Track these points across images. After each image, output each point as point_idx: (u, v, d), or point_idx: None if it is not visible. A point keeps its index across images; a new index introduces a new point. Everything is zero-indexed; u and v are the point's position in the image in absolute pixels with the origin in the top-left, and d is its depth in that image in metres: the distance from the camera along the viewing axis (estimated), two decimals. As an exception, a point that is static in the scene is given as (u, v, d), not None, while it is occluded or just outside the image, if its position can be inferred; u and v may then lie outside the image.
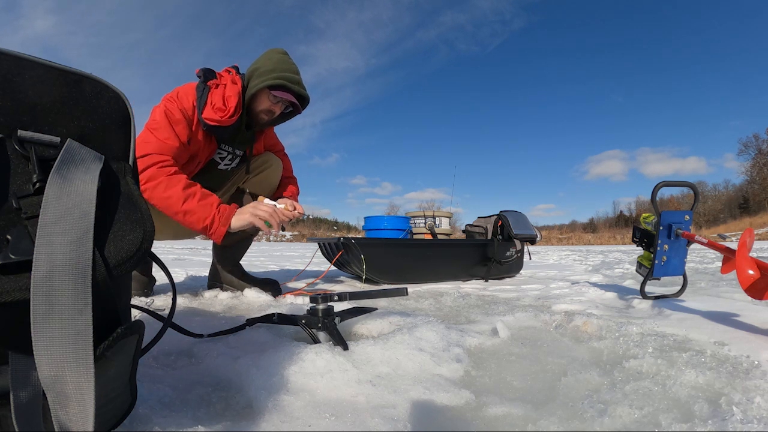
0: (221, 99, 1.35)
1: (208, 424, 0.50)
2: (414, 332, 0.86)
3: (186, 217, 1.24)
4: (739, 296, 1.52)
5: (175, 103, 1.32)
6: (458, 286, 2.15)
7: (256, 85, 1.38)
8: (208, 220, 1.26)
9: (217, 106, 1.33)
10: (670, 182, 1.45)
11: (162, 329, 0.56)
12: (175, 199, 1.22)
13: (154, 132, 1.27)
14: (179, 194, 1.23)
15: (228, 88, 1.37)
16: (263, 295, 1.53)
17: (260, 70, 1.39)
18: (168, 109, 1.30)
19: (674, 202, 40.68)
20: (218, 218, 1.27)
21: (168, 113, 1.30)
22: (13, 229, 0.36)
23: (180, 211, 1.23)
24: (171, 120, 1.30)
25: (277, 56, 1.44)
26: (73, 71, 0.45)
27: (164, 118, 1.29)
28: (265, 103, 1.43)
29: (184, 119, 1.32)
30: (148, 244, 0.43)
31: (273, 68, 1.39)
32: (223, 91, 1.36)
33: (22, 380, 0.35)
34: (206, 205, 1.27)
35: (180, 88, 1.37)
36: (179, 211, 1.23)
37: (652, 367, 0.73)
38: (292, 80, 1.41)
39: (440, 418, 0.55)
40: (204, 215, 1.26)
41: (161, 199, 1.22)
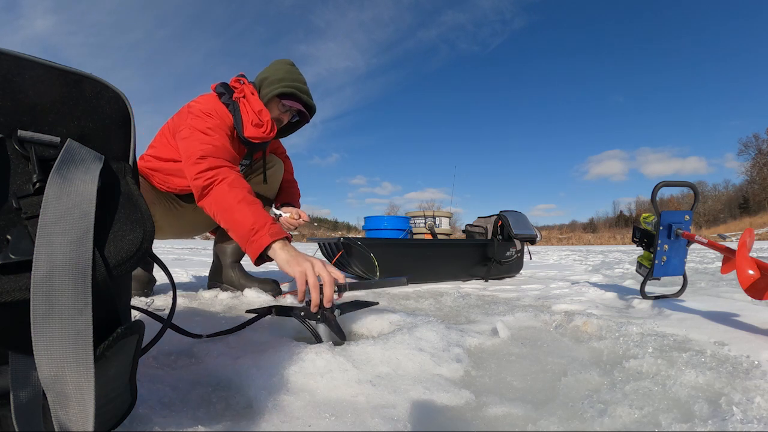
0: (255, 115, 1.39)
1: (208, 424, 0.50)
2: (414, 332, 0.86)
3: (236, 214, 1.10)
4: (739, 296, 1.52)
5: (218, 119, 1.34)
6: (458, 286, 2.15)
7: (267, 94, 1.41)
8: (256, 226, 1.06)
9: (255, 122, 1.38)
10: (670, 182, 1.45)
11: (161, 330, 0.56)
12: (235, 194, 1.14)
13: (209, 135, 1.28)
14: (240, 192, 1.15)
15: (253, 102, 1.40)
16: (263, 294, 1.53)
17: (269, 79, 1.43)
18: (212, 126, 1.31)
19: (674, 202, 40.68)
20: (264, 230, 1.06)
21: (217, 126, 1.32)
22: (13, 229, 0.36)
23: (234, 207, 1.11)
24: (222, 131, 1.33)
25: (286, 67, 1.48)
26: (73, 71, 0.45)
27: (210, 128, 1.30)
28: (274, 112, 1.46)
29: (229, 136, 1.36)
30: (148, 244, 0.43)
31: (282, 78, 1.42)
32: (250, 106, 1.40)
33: (22, 380, 0.35)
34: (263, 214, 1.10)
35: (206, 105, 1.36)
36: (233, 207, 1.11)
37: (652, 367, 0.73)
38: (301, 90, 1.44)
39: (440, 418, 0.55)
40: (255, 220, 1.07)
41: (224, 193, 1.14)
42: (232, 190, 1.15)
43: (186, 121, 1.32)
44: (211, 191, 1.18)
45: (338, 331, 0.80)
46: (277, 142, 1.78)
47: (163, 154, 1.46)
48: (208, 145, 1.24)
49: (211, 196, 1.17)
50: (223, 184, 1.17)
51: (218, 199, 1.16)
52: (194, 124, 1.30)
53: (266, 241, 1.03)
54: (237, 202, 1.11)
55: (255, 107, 1.39)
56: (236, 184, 1.17)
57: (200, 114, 1.33)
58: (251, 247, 1.05)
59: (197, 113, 1.33)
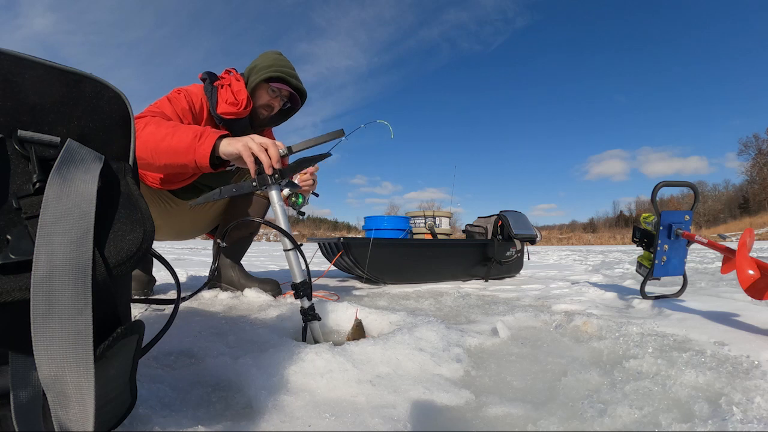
0: (231, 95, 1.41)
1: (208, 424, 0.50)
2: (414, 332, 0.86)
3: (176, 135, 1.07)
4: (739, 296, 1.52)
5: (182, 94, 1.35)
6: (458, 286, 2.15)
7: (255, 80, 1.44)
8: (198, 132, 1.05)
9: (230, 101, 1.40)
10: (670, 182, 1.45)
11: (163, 329, 0.55)
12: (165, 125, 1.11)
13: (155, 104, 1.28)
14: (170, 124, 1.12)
15: (234, 85, 1.43)
16: (263, 294, 1.53)
17: (258, 67, 1.46)
18: (171, 96, 1.33)
19: (674, 202, 40.67)
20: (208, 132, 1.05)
21: (171, 99, 1.32)
22: (13, 229, 0.36)
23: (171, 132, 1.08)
24: (171, 101, 1.32)
25: (274, 55, 1.51)
26: (73, 71, 0.45)
27: (165, 100, 1.31)
28: (264, 98, 1.48)
29: (189, 109, 1.35)
30: (148, 244, 0.43)
31: (270, 64, 1.46)
32: (230, 89, 1.42)
33: (22, 380, 0.35)
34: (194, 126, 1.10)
35: (183, 87, 1.39)
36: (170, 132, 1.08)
37: (652, 367, 0.73)
38: (289, 74, 1.47)
39: (440, 418, 0.55)
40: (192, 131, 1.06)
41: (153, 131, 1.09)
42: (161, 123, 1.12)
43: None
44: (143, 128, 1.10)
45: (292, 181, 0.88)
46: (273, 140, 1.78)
47: None
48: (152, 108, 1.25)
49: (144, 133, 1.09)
50: (151, 124, 1.11)
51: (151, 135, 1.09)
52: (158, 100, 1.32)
53: (210, 143, 1.03)
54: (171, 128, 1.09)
55: (234, 88, 1.42)
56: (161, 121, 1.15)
57: (171, 92, 1.36)
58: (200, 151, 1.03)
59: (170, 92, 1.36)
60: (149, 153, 1.09)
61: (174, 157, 1.07)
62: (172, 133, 1.07)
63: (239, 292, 1.59)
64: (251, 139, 0.99)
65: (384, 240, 2.51)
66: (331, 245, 2.26)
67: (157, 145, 1.07)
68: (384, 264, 2.18)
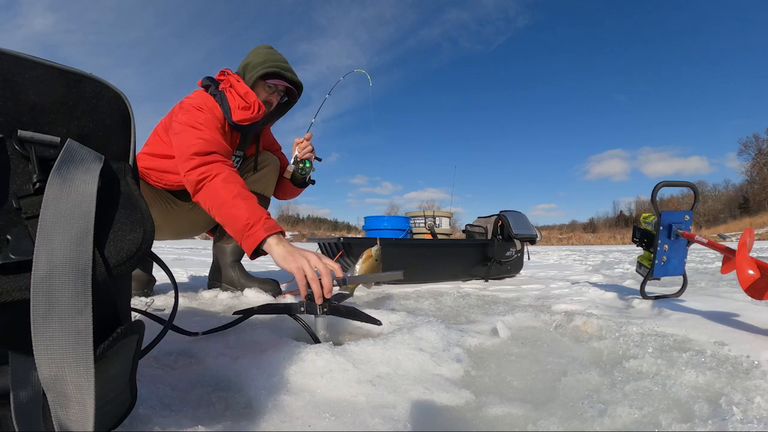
0: (240, 98, 1.40)
1: (208, 424, 0.50)
2: (414, 332, 0.86)
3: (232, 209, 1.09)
4: (739, 296, 1.52)
5: (207, 113, 1.35)
6: (458, 286, 2.15)
7: (251, 78, 1.44)
8: (251, 220, 1.06)
9: (242, 105, 1.39)
10: (670, 182, 1.45)
11: (163, 331, 0.56)
12: (229, 190, 1.14)
13: (197, 132, 1.28)
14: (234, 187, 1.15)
15: (237, 87, 1.42)
16: (263, 294, 1.54)
17: (251, 64, 1.46)
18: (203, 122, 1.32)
19: (674, 202, 40.67)
20: (263, 223, 1.06)
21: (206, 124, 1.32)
22: (13, 229, 0.36)
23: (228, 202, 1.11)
24: (213, 125, 1.33)
25: (265, 50, 1.51)
26: (73, 71, 0.45)
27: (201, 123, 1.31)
28: (262, 95, 1.48)
29: (220, 127, 1.37)
30: (148, 244, 0.43)
31: (264, 60, 1.45)
32: (235, 91, 1.41)
33: (22, 380, 0.35)
34: (257, 209, 1.10)
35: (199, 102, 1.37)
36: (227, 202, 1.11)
37: (652, 367, 0.73)
38: (284, 68, 1.47)
39: (440, 418, 0.55)
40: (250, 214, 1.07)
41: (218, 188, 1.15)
42: (226, 186, 1.15)
43: (177, 116, 1.33)
44: (204, 186, 1.17)
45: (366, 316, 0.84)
46: (272, 138, 1.78)
47: (157, 151, 1.47)
48: (200, 140, 1.24)
49: (205, 192, 1.17)
50: (217, 180, 1.17)
51: (213, 194, 1.16)
52: (185, 119, 1.31)
53: (261, 235, 1.03)
54: (232, 197, 1.11)
55: (240, 91, 1.41)
56: (230, 179, 1.18)
57: (191, 109, 1.34)
58: (246, 242, 1.05)
59: (188, 108, 1.34)
60: (207, 206, 1.18)
61: (225, 226, 1.13)
62: (230, 205, 1.11)
63: (239, 292, 1.60)
64: (307, 260, 0.93)
65: (384, 240, 2.51)
66: (331, 245, 2.26)
67: (217, 207, 1.13)
68: (384, 263, 2.18)
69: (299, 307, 0.88)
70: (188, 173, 1.19)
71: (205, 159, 1.20)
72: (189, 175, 1.19)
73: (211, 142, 1.26)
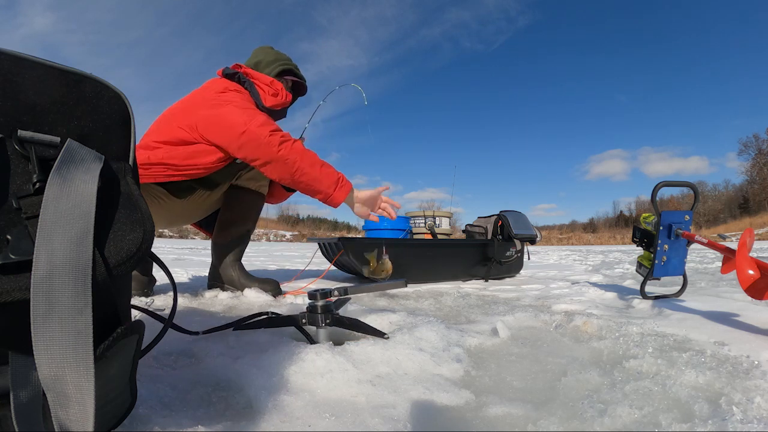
0: (267, 86, 1.48)
1: (208, 424, 0.50)
2: (414, 332, 0.86)
3: (323, 169, 1.35)
4: (739, 296, 1.52)
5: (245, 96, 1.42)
6: (458, 286, 2.15)
7: (270, 73, 1.53)
8: (339, 175, 1.38)
9: (271, 92, 1.48)
10: (670, 182, 1.45)
11: (162, 330, 0.56)
12: (312, 153, 1.35)
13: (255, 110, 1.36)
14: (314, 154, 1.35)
15: (260, 77, 1.50)
16: (263, 294, 1.53)
17: (264, 62, 1.54)
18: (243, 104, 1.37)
19: (674, 202, 40.68)
20: (344, 178, 1.40)
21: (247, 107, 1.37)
22: (13, 229, 0.36)
23: (318, 162, 1.35)
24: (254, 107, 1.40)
25: (272, 50, 1.60)
26: (74, 71, 0.45)
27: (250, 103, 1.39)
28: None
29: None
30: (148, 244, 0.43)
31: (276, 58, 1.56)
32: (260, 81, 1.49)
33: (22, 380, 0.35)
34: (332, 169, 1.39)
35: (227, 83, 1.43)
36: (318, 161, 1.35)
37: (652, 367, 0.73)
38: (295, 65, 1.61)
39: (440, 418, 0.55)
40: (335, 171, 1.38)
41: (303, 150, 1.33)
42: (308, 151, 1.35)
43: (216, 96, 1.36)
44: (289, 147, 1.31)
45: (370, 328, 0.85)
46: None
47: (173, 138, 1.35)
48: (263, 115, 1.34)
49: (294, 151, 1.31)
50: (299, 144, 1.34)
51: (303, 155, 1.33)
52: (230, 99, 1.35)
53: (349, 185, 1.41)
54: (319, 159, 1.36)
55: (265, 81, 1.49)
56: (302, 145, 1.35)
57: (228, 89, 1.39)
58: (339, 192, 1.38)
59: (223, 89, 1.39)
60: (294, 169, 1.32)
61: (311, 185, 1.36)
62: (320, 165, 1.37)
63: (239, 291, 1.59)
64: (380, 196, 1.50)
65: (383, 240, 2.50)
66: (331, 245, 2.26)
67: (305, 167, 1.33)
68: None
69: (301, 318, 0.88)
70: (271, 135, 1.29)
71: (277, 126, 1.32)
72: (272, 137, 1.29)
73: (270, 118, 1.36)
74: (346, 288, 0.94)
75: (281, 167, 1.32)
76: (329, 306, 0.88)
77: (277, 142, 1.28)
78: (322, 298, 0.88)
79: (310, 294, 0.89)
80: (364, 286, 0.99)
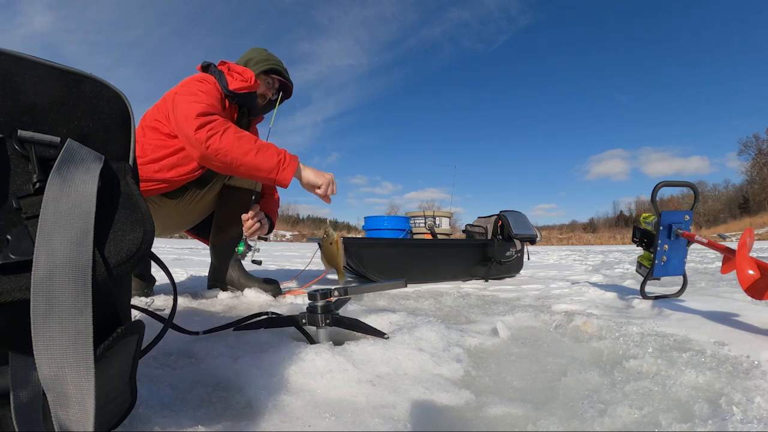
0: (238, 74, 1.49)
1: (208, 424, 0.50)
2: (414, 332, 0.86)
3: (260, 153, 1.27)
4: (739, 296, 1.52)
5: (209, 84, 1.40)
6: (458, 286, 2.15)
7: (255, 70, 1.55)
8: (281, 154, 1.30)
9: (239, 78, 1.48)
10: (670, 182, 1.45)
11: (162, 330, 0.56)
12: (247, 138, 1.27)
13: (198, 97, 1.32)
14: (249, 135, 1.28)
15: (236, 67, 1.51)
16: (263, 294, 1.53)
17: (254, 60, 1.58)
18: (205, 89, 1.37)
19: (674, 202, 40.68)
20: (288, 156, 1.32)
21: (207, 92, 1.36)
22: (13, 229, 0.36)
23: (254, 147, 1.26)
24: (209, 95, 1.37)
25: (265, 51, 1.64)
26: (74, 71, 0.45)
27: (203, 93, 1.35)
28: (261, 88, 1.59)
29: (220, 99, 1.42)
30: (148, 244, 0.43)
31: (266, 58, 1.59)
32: (234, 71, 1.50)
33: (22, 380, 0.35)
34: (274, 146, 1.33)
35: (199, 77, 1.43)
36: (253, 148, 1.26)
37: (652, 367, 0.73)
38: (283, 67, 1.63)
39: (440, 418, 0.55)
40: (276, 151, 1.30)
41: (234, 139, 1.25)
42: (241, 136, 1.27)
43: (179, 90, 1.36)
44: (216, 141, 1.23)
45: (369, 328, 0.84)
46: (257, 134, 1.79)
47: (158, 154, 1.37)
48: (202, 104, 1.29)
49: (221, 145, 1.24)
50: (229, 133, 1.25)
51: (233, 145, 1.24)
52: (186, 90, 1.35)
53: (295, 164, 1.33)
54: (254, 143, 1.27)
55: (238, 70, 1.50)
56: (239, 130, 1.28)
57: (192, 81, 1.39)
58: (284, 174, 1.30)
59: (189, 82, 1.40)
60: (227, 162, 1.26)
61: (254, 172, 1.29)
62: (255, 150, 1.27)
63: (239, 292, 1.59)
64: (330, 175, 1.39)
65: (383, 240, 2.51)
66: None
67: (239, 158, 1.26)
68: (384, 264, 2.18)
69: (301, 318, 0.88)
70: (197, 132, 1.23)
71: (209, 118, 1.26)
72: (198, 134, 1.23)
73: (213, 105, 1.32)
74: (346, 288, 0.94)
75: (214, 162, 1.26)
76: (329, 306, 0.88)
77: (203, 138, 1.22)
78: (322, 298, 0.88)
79: (310, 294, 0.90)
80: (364, 286, 0.99)
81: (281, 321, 0.91)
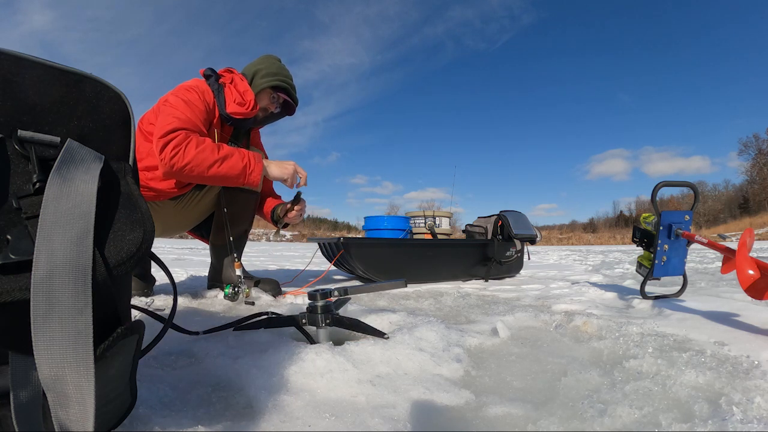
0: (238, 95, 1.46)
1: (208, 424, 0.50)
2: (414, 332, 0.86)
3: (224, 163, 1.29)
4: (739, 296, 1.52)
5: (197, 94, 1.37)
6: (458, 286, 2.15)
7: (261, 84, 1.52)
8: (245, 159, 1.33)
9: (238, 101, 1.45)
10: (670, 182, 1.45)
11: (162, 330, 0.56)
12: (209, 150, 1.27)
13: (176, 111, 1.30)
14: (212, 146, 1.28)
15: (238, 84, 1.48)
16: (263, 294, 1.53)
17: (263, 71, 1.53)
18: (188, 98, 1.34)
19: (674, 202, 40.67)
20: (253, 158, 1.36)
21: (188, 102, 1.33)
22: (13, 229, 0.36)
23: (218, 158, 1.28)
24: (191, 105, 1.34)
25: (277, 63, 1.60)
26: (73, 71, 0.45)
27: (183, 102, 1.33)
28: (265, 101, 1.56)
29: (205, 110, 1.38)
30: (148, 244, 0.43)
31: (276, 72, 1.55)
32: (236, 88, 1.47)
33: (22, 380, 0.35)
34: (238, 151, 1.34)
35: (192, 84, 1.40)
36: (217, 158, 1.27)
37: (652, 367, 0.73)
38: (291, 86, 1.61)
39: (440, 418, 0.55)
40: (241, 156, 1.33)
41: (196, 153, 1.24)
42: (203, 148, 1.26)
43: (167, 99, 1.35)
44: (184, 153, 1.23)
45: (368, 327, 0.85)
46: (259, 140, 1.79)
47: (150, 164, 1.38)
48: (176, 120, 1.27)
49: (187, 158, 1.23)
50: (190, 148, 1.24)
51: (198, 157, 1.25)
52: (172, 100, 1.33)
53: (260, 166, 1.38)
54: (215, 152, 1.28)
55: (240, 88, 1.47)
56: (200, 141, 1.27)
57: (180, 89, 1.37)
58: (251, 177, 1.35)
59: (178, 89, 1.38)
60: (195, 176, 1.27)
61: (223, 181, 1.32)
62: (220, 161, 1.29)
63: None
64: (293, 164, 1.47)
65: (383, 240, 2.51)
66: (331, 245, 2.26)
67: (205, 171, 1.27)
68: (384, 264, 2.18)
69: (301, 318, 0.88)
70: (161, 153, 1.22)
71: (172, 135, 1.24)
72: (163, 154, 1.22)
73: (184, 121, 1.28)
74: (346, 288, 0.94)
75: (183, 179, 1.28)
76: (329, 306, 0.88)
77: (168, 157, 1.22)
78: (322, 298, 0.88)
79: (310, 294, 0.90)
80: (364, 286, 0.99)
81: (281, 321, 0.91)
